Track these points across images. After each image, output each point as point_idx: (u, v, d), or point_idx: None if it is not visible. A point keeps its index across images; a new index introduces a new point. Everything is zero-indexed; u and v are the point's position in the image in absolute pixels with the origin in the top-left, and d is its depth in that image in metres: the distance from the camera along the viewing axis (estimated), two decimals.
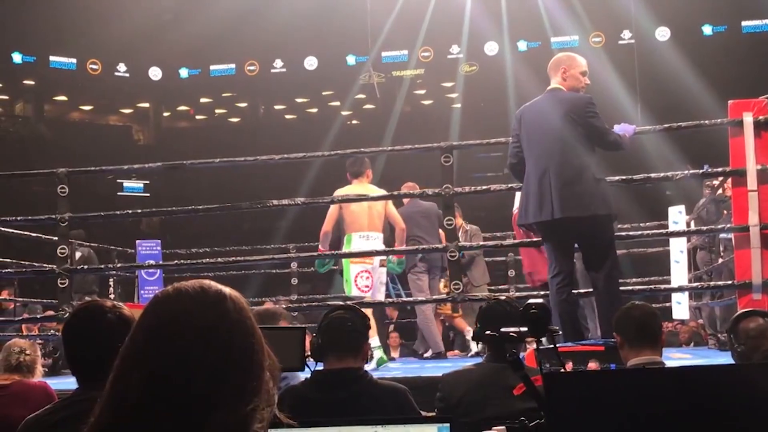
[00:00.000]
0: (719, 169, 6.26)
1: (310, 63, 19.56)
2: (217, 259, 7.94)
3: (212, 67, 20.14)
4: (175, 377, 1.20)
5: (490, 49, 18.59)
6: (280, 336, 2.71)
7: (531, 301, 2.39)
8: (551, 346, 2.53)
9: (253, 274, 11.10)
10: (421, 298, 8.12)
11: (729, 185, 6.93)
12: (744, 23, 18.15)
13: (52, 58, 19.49)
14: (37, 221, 7.32)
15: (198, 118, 22.85)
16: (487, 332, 2.70)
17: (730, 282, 6.26)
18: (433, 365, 6.87)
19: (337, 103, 20.84)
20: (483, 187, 6.88)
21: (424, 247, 7.90)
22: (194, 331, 1.23)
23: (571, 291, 5.17)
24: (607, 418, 1.89)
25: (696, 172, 6.60)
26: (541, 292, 5.83)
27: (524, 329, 2.44)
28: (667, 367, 3.14)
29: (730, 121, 5.82)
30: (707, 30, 18.29)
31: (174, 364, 1.21)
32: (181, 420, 1.19)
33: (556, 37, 17.85)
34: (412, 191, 7.47)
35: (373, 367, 6.44)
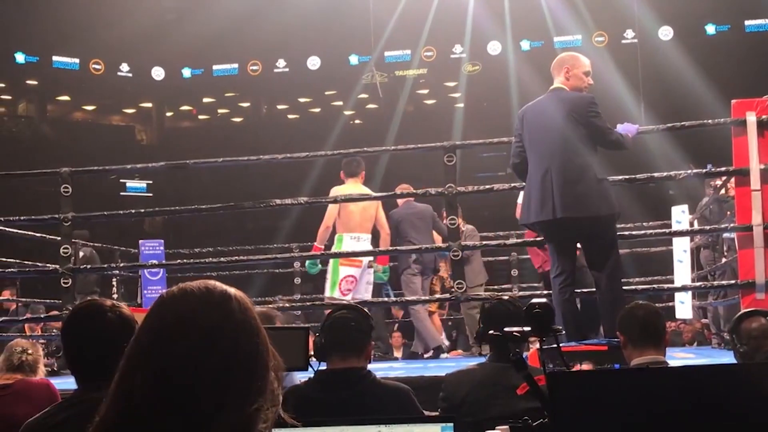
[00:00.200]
0: (722, 169, 6.26)
1: (313, 63, 19.55)
2: (220, 259, 7.94)
3: (215, 67, 20.13)
4: (180, 377, 1.21)
5: (493, 48, 18.58)
6: (283, 336, 2.71)
7: (534, 301, 2.39)
8: (554, 346, 2.53)
9: (256, 274, 11.11)
10: (424, 298, 8.12)
11: (732, 185, 6.93)
12: (747, 22, 18.12)
13: (55, 58, 19.49)
14: (41, 221, 7.32)
15: (201, 117, 22.85)
16: (491, 332, 2.70)
17: (733, 281, 6.26)
18: (436, 365, 6.87)
19: (340, 103, 20.83)
20: (486, 187, 6.89)
21: (427, 247, 7.91)
22: (199, 331, 1.23)
23: (574, 290, 5.17)
24: (611, 418, 1.89)
25: (699, 171, 6.60)
26: (544, 291, 5.82)
27: (527, 329, 2.45)
28: (670, 367, 3.14)
29: (734, 121, 5.81)
30: (710, 29, 18.26)
31: (179, 365, 1.21)
32: (186, 420, 1.19)
33: (559, 36, 17.82)
34: (415, 191, 7.47)
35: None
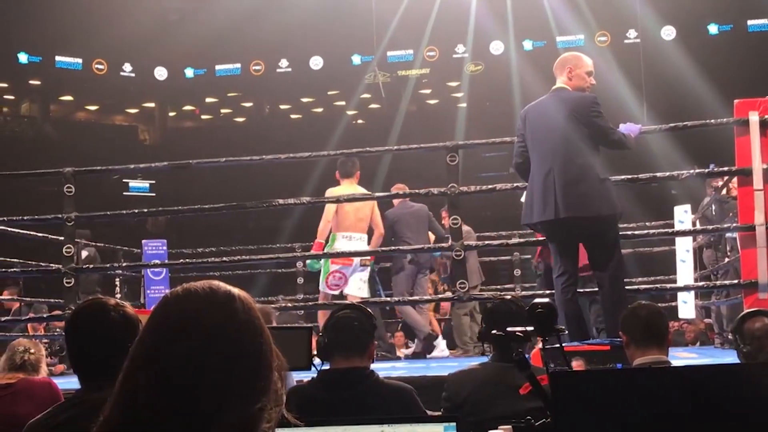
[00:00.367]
0: (725, 169, 6.25)
1: (316, 63, 19.55)
2: (223, 259, 7.95)
3: (218, 67, 20.13)
4: (184, 377, 1.21)
5: (496, 48, 18.56)
6: (286, 336, 2.71)
7: (537, 301, 2.40)
8: (557, 346, 2.54)
9: (258, 274, 11.12)
10: (426, 298, 8.14)
11: (734, 185, 6.93)
12: (750, 22, 18.10)
13: (57, 58, 19.50)
14: (44, 221, 7.33)
15: (203, 117, 22.86)
16: (494, 331, 2.70)
17: (736, 281, 6.25)
18: (438, 365, 6.87)
19: (343, 103, 20.83)
20: (488, 187, 6.89)
21: (429, 246, 7.93)
22: (203, 331, 1.24)
23: (576, 290, 5.17)
24: (614, 418, 1.89)
25: (702, 171, 6.59)
26: (546, 291, 5.83)
27: (530, 328, 2.45)
28: (673, 367, 3.14)
29: (736, 120, 5.81)
30: (713, 29, 18.24)
31: (183, 364, 1.21)
32: (190, 420, 1.20)
33: (562, 36, 17.80)
34: (417, 191, 7.48)
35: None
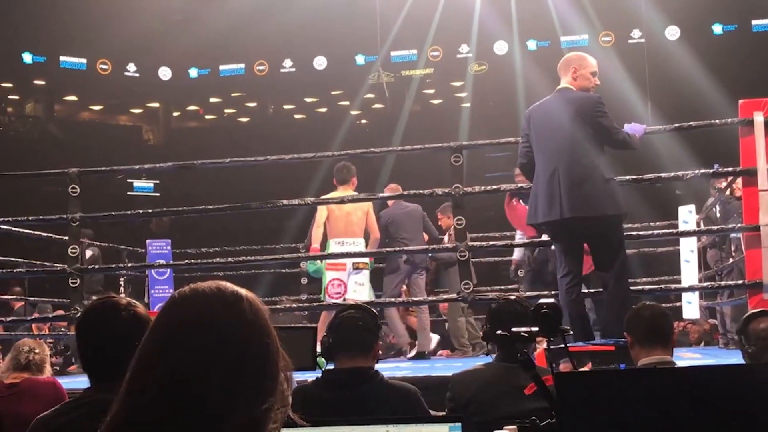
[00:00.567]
0: (729, 169, 6.25)
1: (320, 63, 19.54)
2: (228, 259, 7.96)
3: (221, 67, 20.13)
4: (191, 377, 1.21)
5: (500, 48, 18.54)
6: (290, 336, 2.71)
7: (542, 301, 2.40)
8: (562, 346, 2.53)
9: (262, 274, 11.12)
10: (430, 298, 8.14)
11: (738, 186, 6.92)
12: (754, 22, 18.06)
13: (62, 58, 19.51)
14: (49, 221, 7.34)
15: (207, 117, 22.86)
16: (499, 332, 2.70)
17: (740, 282, 6.25)
18: (443, 365, 6.87)
19: (347, 103, 20.82)
20: (493, 187, 6.90)
21: (435, 247, 7.94)
22: (211, 331, 1.24)
23: (581, 291, 5.17)
24: (618, 418, 1.89)
25: (706, 171, 6.58)
26: (552, 291, 5.82)
27: (535, 329, 2.45)
28: (678, 367, 3.14)
29: (741, 121, 5.81)
30: (717, 29, 18.19)
31: (190, 365, 1.22)
32: (197, 420, 1.20)
33: (566, 36, 17.79)
34: (422, 191, 7.49)
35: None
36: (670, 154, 12.33)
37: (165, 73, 20.10)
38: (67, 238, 6.95)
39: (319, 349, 3.12)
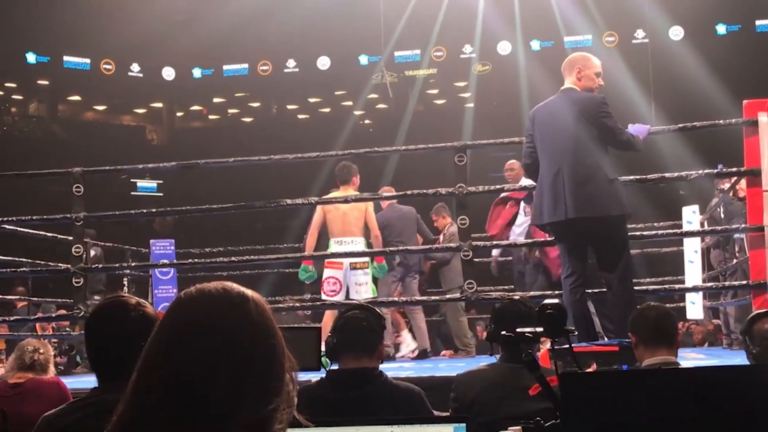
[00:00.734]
0: (734, 169, 6.24)
1: (323, 63, 19.55)
2: (231, 259, 7.96)
3: (225, 67, 20.16)
4: (197, 378, 1.21)
5: (503, 48, 18.55)
6: (295, 336, 2.71)
7: (547, 302, 2.39)
8: (566, 347, 2.53)
9: (266, 274, 11.11)
10: (434, 299, 8.14)
11: (741, 187, 6.91)
12: (758, 22, 18.05)
13: (66, 58, 19.54)
14: (53, 221, 7.35)
15: (211, 117, 22.89)
16: (503, 332, 2.70)
17: (744, 282, 6.24)
18: (447, 365, 6.87)
19: (350, 103, 20.83)
20: (496, 187, 6.90)
21: (437, 247, 7.95)
22: (217, 332, 1.24)
23: (585, 291, 5.17)
24: (623, 419, 1.89)
25: (710, 171, 6.57)
26: (556, 291, 5.82)
27: (540, 329, 2.44)
28: (683, 368, 3.14)
29: (745, 121, 5.80)
30: (721, 29, 18.18)
31: (196, 365, 1.22)
32: (203, 420, 1.20)
33: (570, 36, 17.78)
34: (426, 191, 7.49)
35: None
36: (673, 155, 12.31)
37: (168, 73, 20.13)
38: (71, 237, 6.96)
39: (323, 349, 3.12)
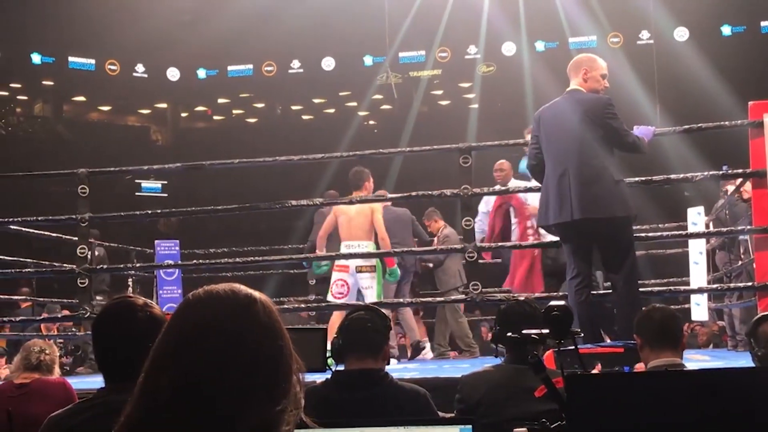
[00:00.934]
0: (739, 171, 6.23)
1: (328, 63, 19.56)
2: (236, 259, 7.97)
3: (230, 68, 20.17)
4: (204, 379, 1.21)
5: (508, 49, 18.54)
6: (301, 337, 2.71)
7: (553, 303, 2.39)
8: (572, 348, 2.53)
9: (270, 275, 11.13)
10: (438, 300, 8.14)
11: (745, 188, 6.89)
12: (763, 23, 18.01)
13: (70, 59, 19.57)
14: (58, 221, 7.36)
15: (215, 118, 22.90)
16: (509, 334, 2.70)
17: (749, 284, 6.22)
18: (452, 366, 6.86)
19: (355, 104, 20.83)
20: (501, 188, 6.89)
21: (442, 248, 7.94)
22: (224, 334, 1.24)
23: (590, 293, 5.17)
24: (628, 420, 1.89)
25: (716, 173, 6.56)
26: (560, 293, 5.82)
27: (546, 331, 2.44)
28: (688, 370, 3.14)
29: (751, 123, 5.79)
30: (726, 30, 18.15)
31: (204, 367, 1.22)
32: (210, 421, 1.20)
33: (574, 37, 17.77)
34: (430, 192, 7.49)
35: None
36: (679, 156, 12.30)
37: (173, 74, 20.15)
38: (75, 238, 6.97)
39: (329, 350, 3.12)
